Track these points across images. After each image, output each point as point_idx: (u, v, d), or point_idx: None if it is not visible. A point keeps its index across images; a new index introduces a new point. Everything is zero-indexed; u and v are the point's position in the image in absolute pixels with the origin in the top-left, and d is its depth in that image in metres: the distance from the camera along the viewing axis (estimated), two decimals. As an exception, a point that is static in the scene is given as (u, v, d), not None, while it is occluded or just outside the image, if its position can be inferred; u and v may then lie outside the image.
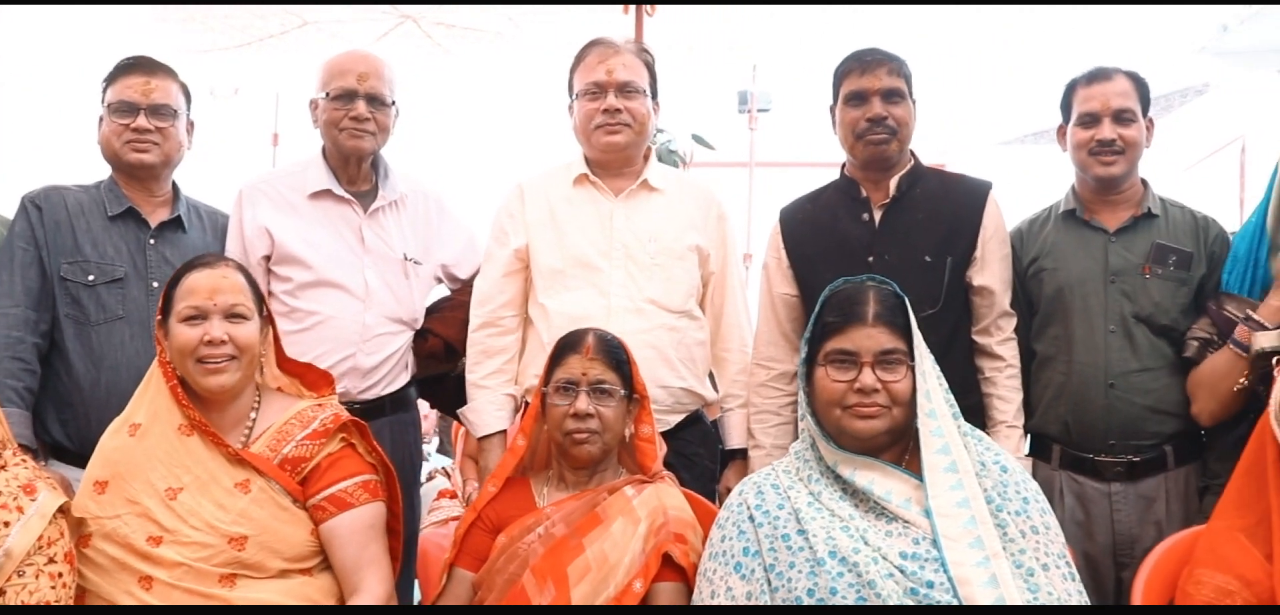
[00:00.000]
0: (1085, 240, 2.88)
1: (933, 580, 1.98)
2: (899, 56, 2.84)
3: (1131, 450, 2.77)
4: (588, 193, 2.98)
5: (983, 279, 2.84)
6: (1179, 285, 2.79)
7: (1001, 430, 2.82)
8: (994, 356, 2.86)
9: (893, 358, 2.11)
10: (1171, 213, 2.89)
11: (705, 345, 3.00)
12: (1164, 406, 2.76)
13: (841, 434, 2.13)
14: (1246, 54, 7.87)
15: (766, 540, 2.10)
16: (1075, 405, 2.81)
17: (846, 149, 2.89)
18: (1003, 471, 2.11)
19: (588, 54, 3.00)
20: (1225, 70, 8.15)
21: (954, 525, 2.02)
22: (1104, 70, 2.86)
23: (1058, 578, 2.02)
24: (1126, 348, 2.78)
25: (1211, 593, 2.00)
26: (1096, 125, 2.83)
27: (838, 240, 2.86)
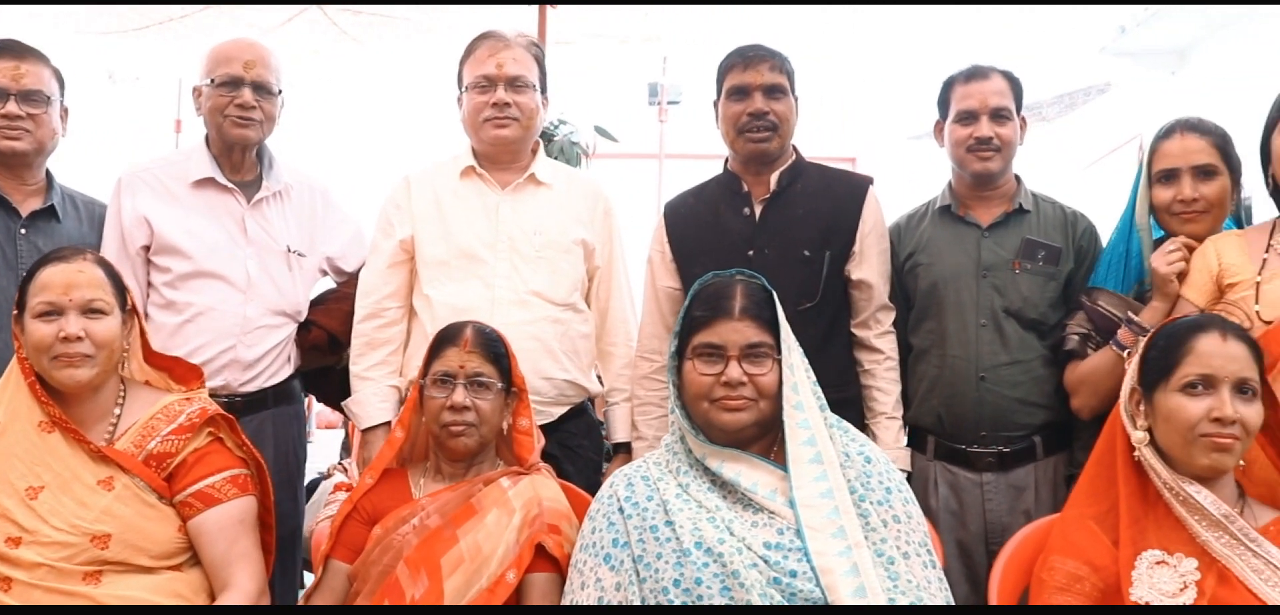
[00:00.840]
0: (959, 235, 2.94)
1: (795, 569, 2.00)
2: (782, 53, 2.88)
3: (1002, 441, 2.83)
4: (474, 185, 2.97)
5: (861, 273, 2.89)
6: (1048, 280, 2.85)
7: (881, 422, 2.87)
8: (873, 350, 2.91)
9: (759, 351, 2.14)
10: (1043, 208, 2.95)
11: (590, 338, 3.02)
12: (1033, 398, 2.82)
13: (710, 426, 2.15)
14: (1143, 55, 8.07)
15: (635, 531, 2.11)
16: (948, 397, 2.86)
17: (728, 144, 2.92)
18: (867, 462, 2.14)
19: (477, 47, 2.99)
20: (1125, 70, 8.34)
21: (817, 515, 2.05)
22: (981, 69, 2.92)
23: (918, 565, 2.06)
24: (997, 341, 2.84)
25: (1063, 579, 2.05)
26: (974, 123, 2.88)
27: (719, 234, 2.89)
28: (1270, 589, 1.92)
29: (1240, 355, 2.01)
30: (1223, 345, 2.01)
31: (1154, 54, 8.05)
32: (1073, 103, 9.45)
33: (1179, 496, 2.01)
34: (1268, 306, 2.32)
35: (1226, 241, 2.50)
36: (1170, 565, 1.99)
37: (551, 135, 4.94)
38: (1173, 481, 2.02)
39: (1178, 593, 1.96)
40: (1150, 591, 1.97)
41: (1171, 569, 1.98)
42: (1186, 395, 2.01)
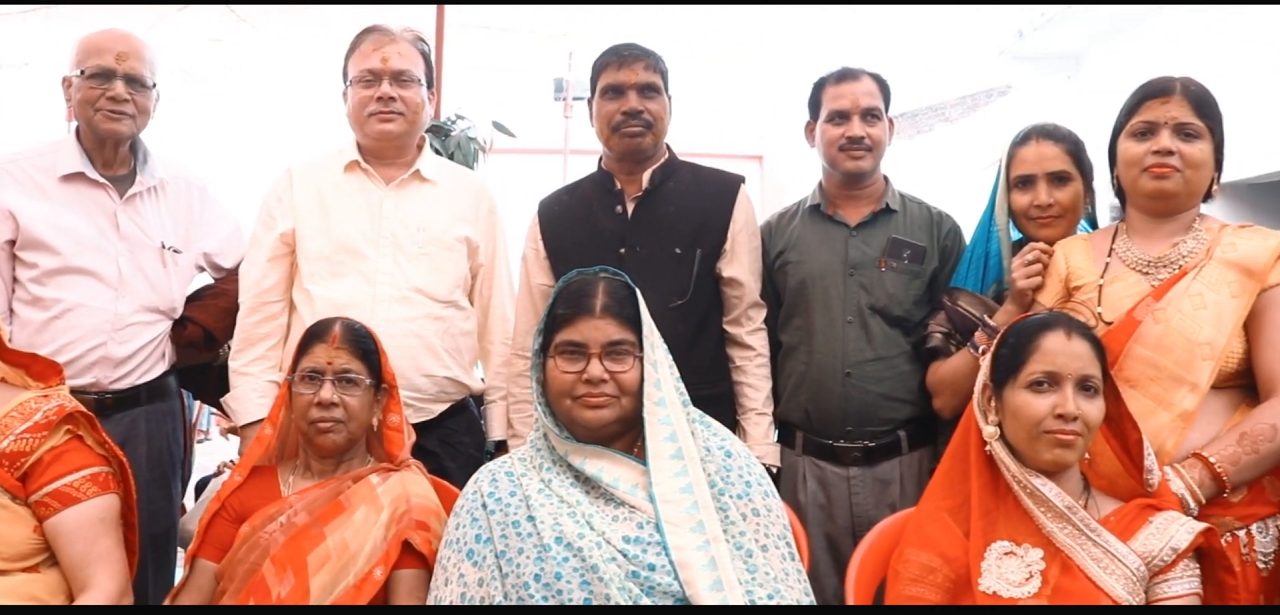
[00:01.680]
0: (828, 234, 2.99)
1: (654, 563, 2.03)
2: (656, 52, 2.91)
3: (867, 436, 2.89)
4: (358, 180, 2.96)
5: (732, 271, 2.92)
6: (913, 278, 2.92)
7: (751, 418, 2.91)
8: (744, 346, 2.95)
9: (621, 349, 2.15)
10: (909, 208, 3.01)
11: (472, 336, 3.02)
12: (897, 394, 2.88)
13: (573, 423, 2.17)
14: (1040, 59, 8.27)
15: (498, 527, 2.12)
16: (815, 393, 2.91)
17: (602, 141, 2.94)
18: (727, 456, 2.17)
19: (363, 41, 2.98)
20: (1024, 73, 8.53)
21: (677, 510, 2.07)
22: (852, 70, 2.98)
23: (776, 557, 2.10)
24: (862, 337, 2.90)
25: (916, 570, 2.10)
26: (846, 123, 2.93)
27: (592, 231, 2.91)
28: (1108, 576, 1.99)
29: (1083, 353, 2.07)
30: (1067, 344, 2.08)
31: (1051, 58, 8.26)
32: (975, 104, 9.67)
33: (1026, 489, 2.07)
34: (1109, 308, 2.39)
35: (1074, 245, 2.57)
36: (1018, 555, 2.05)
37: (448, 130, 4.90)
38: (1021, 475, 2.08)
39: (1024, 581, 2.02)
40: (998, 581, 2.03)
41: (1019, 559, 2.05)
42: (1032, 392, 2.07)
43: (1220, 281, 2.32)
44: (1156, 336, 2.30)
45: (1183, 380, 2.27)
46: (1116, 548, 2.01)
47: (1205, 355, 2.27)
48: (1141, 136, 2.40)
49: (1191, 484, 2.20)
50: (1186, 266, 2.37)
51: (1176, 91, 2.38)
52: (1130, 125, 2.43)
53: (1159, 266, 2.40)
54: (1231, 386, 2.32)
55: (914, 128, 10.03)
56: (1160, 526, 2.04)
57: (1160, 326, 2.31)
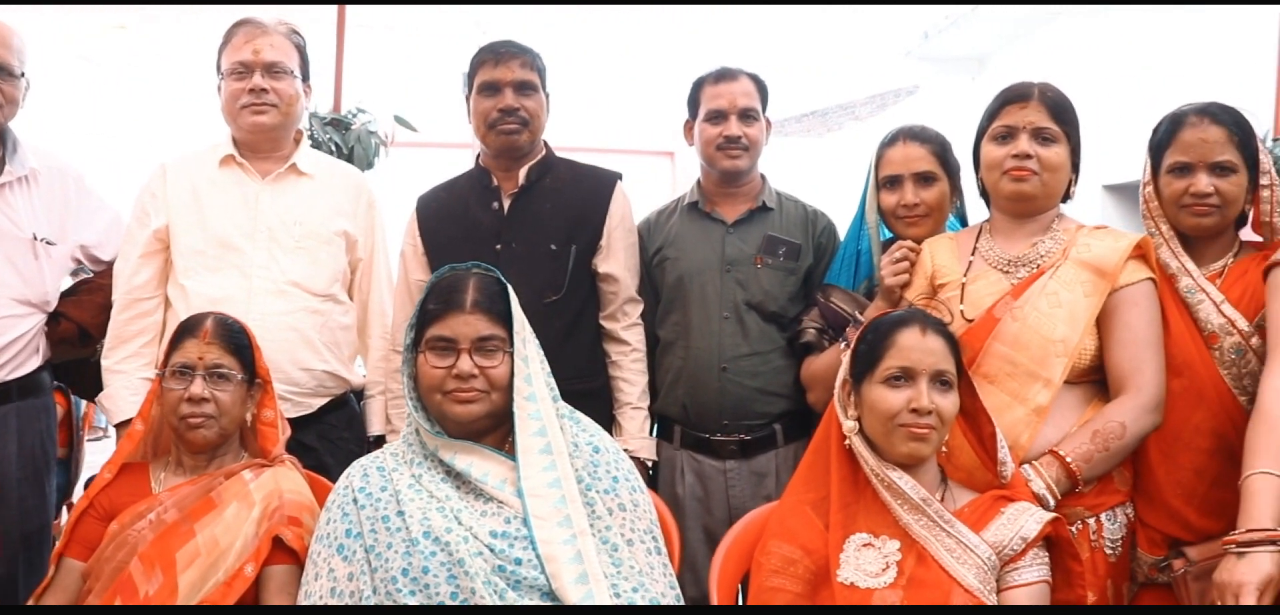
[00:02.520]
0: (706, 231, 3.03)
1: (521, 557, 2.05)
2: (533, 50, 2.93)
3: (743, 430, 2.94)
4: (233, 174, 2.93)
5: (608, 267, 2.95)
6: (787, 275, 2.97)
7: (627, 412, 2.95)
8: (620, 341, 2.98)
9: (491, 344, 2.16)
10: (786, 206, 3.07)
11: (351, 330, 3.01)
12: (772, 388, 2.93)
13: (444, 418, 2.18)
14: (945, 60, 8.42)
15: (368, 522, 2.12)
16: (691, 388, 2.95)
17: (479, 138, 2.95)
18: (595, 452, 2.20)
19: (235, 34, 2.95)
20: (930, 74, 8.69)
21: (544, 505, 2.09)
22: (730, 71, 3.02)
23: (641, 552, 2.13)
24: (738, 333, 2.94)
25: (778, 562, 2.14)
26: (723, 122, 2.97)
27: (469, 228, 2.92)
28: (961, 565, 2.05)
29: (938, 349, 2.13)
30: (922, 339, 2.13)
31: (956, 60, 8.41)
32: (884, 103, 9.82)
33: (883, 482, 2.12)
34: (971, 305, 2.45)
35: (940, 244, 2.63)
36: (875, 547, 2.10)
37: (348, 124, 4.86)
38: (878, 468, 2.12)
39: (881, 572, 2.07)
40: (856, 573, 2.07)
41: (876, 550, 2.10)
42: (888, 387, 2.12)
43: (1075, 281, 2.39)
44: (1014, 334, 2.37)
45: (1037, 376, 2.34)
46: (969, 538, 2.06)
47: (1059, 352, 2.34)
48: (1002, 140, 2.47)
49: (1049, 481, 2.27)
50: (1044, 266, 2.43)
51: (1034, 97, 2.45)
52: (991, 129, 2.49)
53: (1018, 265, 2.47)
54: (1085, 382, 2.40)
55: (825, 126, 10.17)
56: (1011, 517, 2.10)
57: (1017, 324, 2.37)
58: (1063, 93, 2.49)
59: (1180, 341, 2.42)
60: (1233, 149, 2.45)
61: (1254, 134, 2.50)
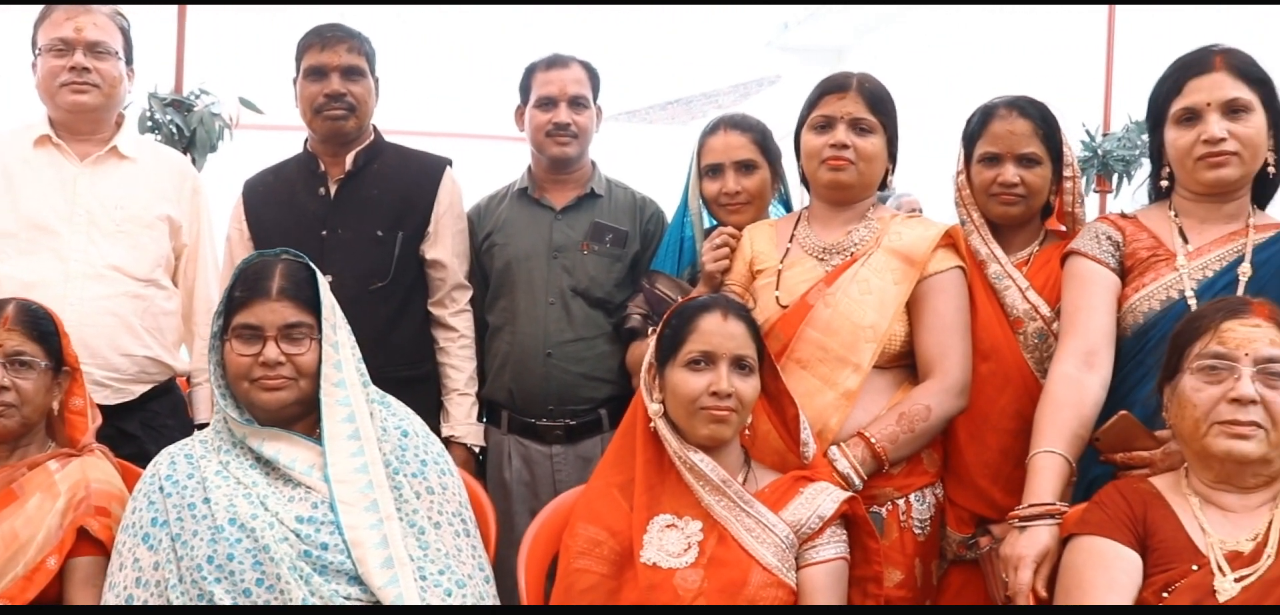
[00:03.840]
0: (535, 217, 3.05)
1: (327, 542, 2.05)
2: (361, 34, 2.91)
3: (569, 414, 2.97)
4: (50, 155, 2.85)
5: (435, 253, 2.96)
6: (614, 261, 3.01)
7: (454, 397, 2.96)
8: (447, 328, 2.99)
9: (298, 331, 2.15)
10: (615, 193, 3.10)
11: (175, 316, 2.96)
12: (598, 373, 2.97)
13: (252, 406, 2.16)
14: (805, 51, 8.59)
15: (174, 510, 2.10)
16: (518, 373, 2.97)
17: (306, 123, 2.93)
18: (403, 436, 2.21)
19: (54, 10, 2.87)
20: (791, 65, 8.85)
21: (351, 490, 2.10)
22: (561, 57, 3.04)
23: (449, 534, 2.16)
24: (564, 319, 2.97)
25: (584, 544, 2.17)
26: (553, 108, 3.00)
27: (295, 213, 2.90)
28: (759, 544, 2.11)
29: (738, 333, 2.18)
30: (723, 324, 2.18)
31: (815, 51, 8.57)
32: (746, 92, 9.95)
33: (686, 464, 2.16)
34: (786, 292, 2.52)
35: (760, 231, 2.69)
36: (679, 527, 2.15)
37: (190, 106, 4.75)
38: (681, 450, 2.17)
39: (682, 552, 2.12)
40: (658, 553, 2.12)
41: (679, 531, 2.14)
42: (690, 370, 2.16)
43: (885, 268, 2.47)
44: (825, 319, 2.43)
45: (847, 361, 2.41)
46: (768, 518, 2.12)
47: (868, 338, 2.41)
48: (820, 130, 2.53)
49: (855, 462, 2.35)
50: (857, 253, 2.51)
51: (852, 88, 2.51)
52: (810, 119, 2.56)
53: (833, 253, 2.54)
54: (896, 367, 2.48)
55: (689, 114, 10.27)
56: (809, 497, 2.16)
57: (829, 310, 2.44)
58: (881, 83, 2.57)
59: (988, 326, 2.51)
60: (1038, 142, 2.56)
61: (1059, 128, 2.61)
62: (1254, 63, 2.31)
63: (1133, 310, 2.33)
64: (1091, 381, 2.27)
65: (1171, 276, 2.31)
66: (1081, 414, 2.24)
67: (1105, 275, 2.36)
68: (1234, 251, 2.30)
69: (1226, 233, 2.33)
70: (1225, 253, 2.31)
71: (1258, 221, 2.35)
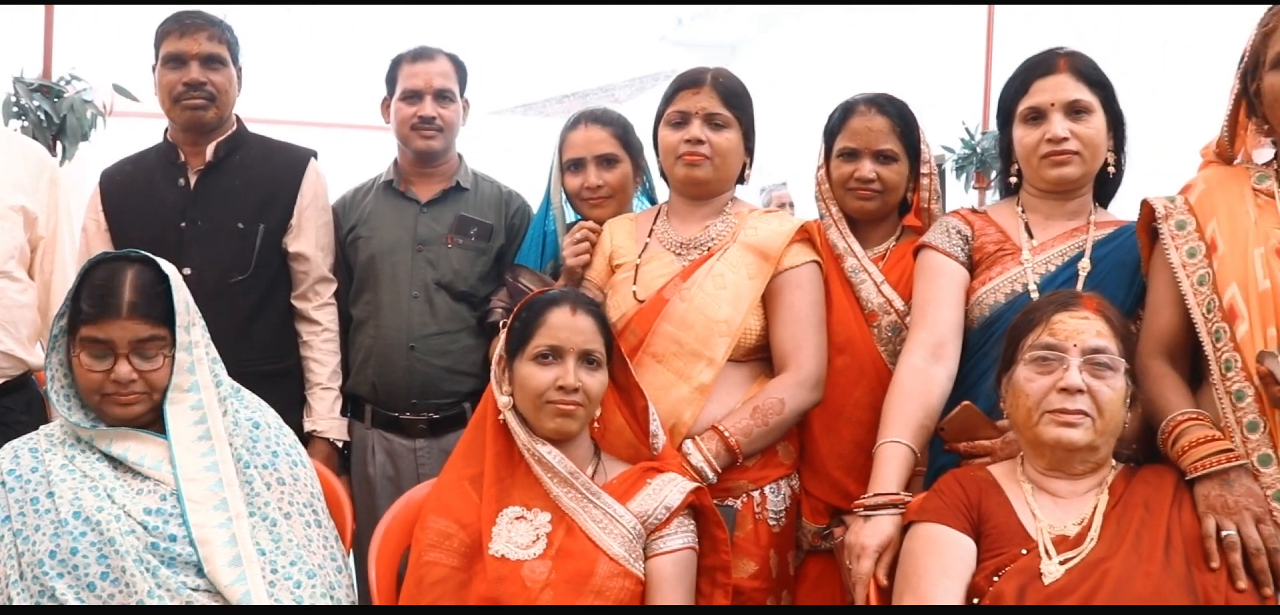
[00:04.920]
0: (399, 210, 3.04)
1: (175, 534, 2.04)
2: (223, 22, 2.87)
3: (432, 408, 2.97)
4: None
5: (298, 246, 2.93)
6: (479, 255, 3.01)
7: (317, 392, 2.94)
8: (311, 321, 2.96)
9: (150, 347, 2.10)
10: (481, 186, 3.10)
11: (30, 309, 2.87)
12: (461, 367, 2.96)
13: (103, 416, 2.13)
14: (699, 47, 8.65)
15: (16, 504, 2.07)
16: (381, 367, 2.96)
17: (165, 112, 2.88)
18: (255, 427, 2.20)
19: None
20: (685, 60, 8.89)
21: (200, 489, 2.08)
22: (428, 50, 3.04)
23: (300, 525, 2.16)
24: (427, 312, 2.96)
25: (434, 536, 2.16)
26: (418, 102, 2.99)
27: (153, 204, 2.86)
28: (607, 535, 2.13)
29: (587, 328, 2.20)
30: (571, 319, 2.19)
31: (709, 47, 8.65)
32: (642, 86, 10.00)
33: (534, 456, 2.18)
34: (643, 286, 2.54)
35: (620, 225, 2.71)
36: (528, 519, 2.16)
37: (60, 92, 4.63)
38: (529, 443, 2.18)
39: (531, 544, 2.13)
40: (507, 545, 2.13)
41: (528, 523, 2.15)
42: (537, 364, 2.18)
43: (740, 263, 2.50)
44: (681, 314, 2.46)
45: (701, 355, 2.44)
46: (614, 509, 2.14)
47: (722, 332, 2.45)
48: (676, 126, 2.56)
49: (708, 455, 2.37)
50: (714, 248, 2.54)
51: (707, 83, 2.54)
52: (666, 115, 2.58)
53: (690, 248, 2.56)
54: (752, 360, 2.52)
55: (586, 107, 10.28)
56: (656, 488, 2.19)
57: (685, 305, 2.46)
58: (736, 79, 2.60)
59: (843, 319, 2.56)
60: (895, 139, 2.62)
61: (917, 125, 2.67)
62: (1095, 66, 2.39)
63: (979, 303, 2.39)
64: (938, 373, 2.33)
65: (1016, 270, 2.38)
66: (927, 405, 2.30)
67: (954, 268, 2.43)
68: (1075, 247, 2.38)
69: (1069, 229, 2.41)
70: (1067, 248, 2.39)
71: (1099, 218, 2.44)
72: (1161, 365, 2.19)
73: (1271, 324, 2.05)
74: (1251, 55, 2.18)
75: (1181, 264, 2.18)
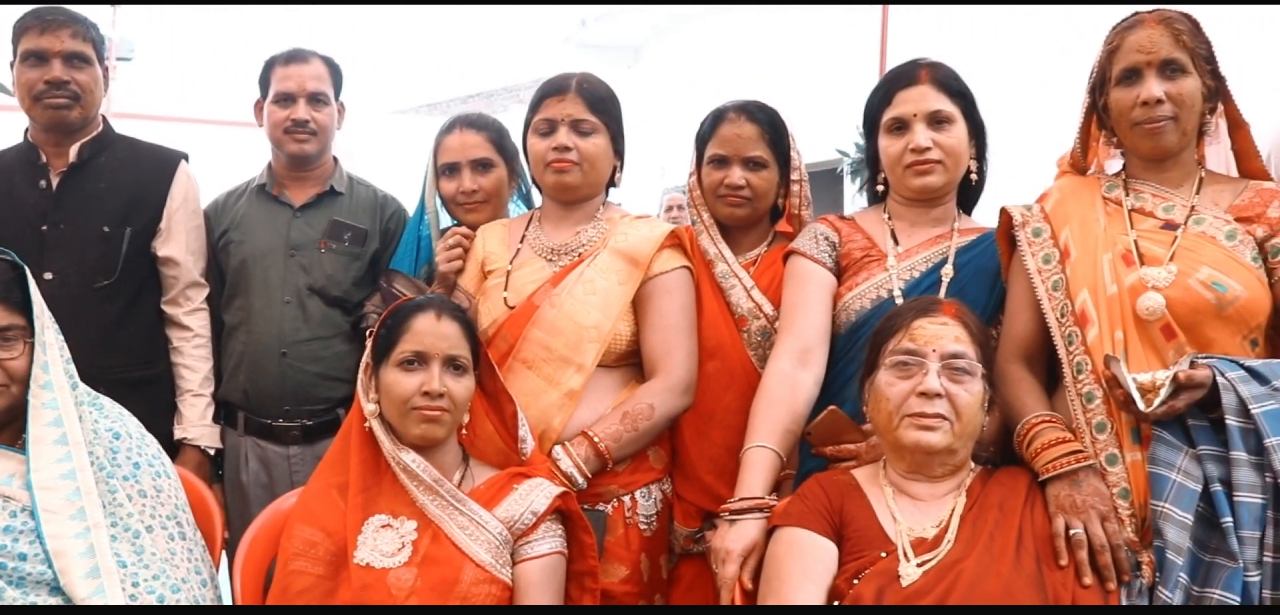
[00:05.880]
0: (272, 214, 3.01)
1: (26, 552, 2.00)
2: (87, 19, 2.81)
3: (305, 414, 2.94)
4: None
5: (168, 250, 2.88)
6: (352, 260, 2.99)
7: (187, 399, 2.89)
8: (181, 327, 2.92)
9: (9, 334, 2.08)
10: (356, 191, 3.08)
11: None
12: (334, 373, 2.94)
13: None
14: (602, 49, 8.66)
15: None
16: (253, 373, 2.93)
17: (25, 111, 2.81)
18: (115, 438, 2.16)
19: None
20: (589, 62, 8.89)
21: (56, 497, 2.04)
22: (301, 52, 3.00)
23: (163, 538, 2.13)
24: (300, 317, 2.93)
25: (300, 545, 2.13)
26: (292, 105, 2.96)
27: (13, 206, 2.79)
28: (473, 542, 2.13)
29: (451, 334, 2.19)
30: (436, 325, 2.19)
31: (612, 49, 8.67)
32: (548, 89, 9.99)
33: (399, 465, 2.17)
34: (514, 292, 2.54)
35: (492, 231, 2.71)
36: (394, 527, 2.15)
37: (-63, 88, 4.48)
38: (394, 451, 2.17)
39: (396, 552, 2.12)
40: (372, 553, 2.11)
41: (394, 531, 2.14)
42: (402, 371, 2.17)
43: (610, 269, 2.51)
44: (551, 320, 2.46)
45: (570, 361, 2.44)
46: (480, 515, 2.14)
47: (592, 337, 2.45)
48: (543, 134, 2.56)
49: (578, 460, 2.38)
50: (585, 254, 2.54)
51: (572, 89, 2.55)
52: (534, 123, 2.58)
53: (561, 253, 2.57)
54: (623, 366, 2.53)
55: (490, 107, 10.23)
56: (523, 493, 2.19)
57: (555, 311, 2.47)
58: (603, 83, 2.61)
59: (714, 324, 2.58)
60: (764, 146, 2.65)
61: (787, 133, 2.71)
62: (957, 77, 2.45)
63: (846, 308, 2.43)
64: (805, 378, 2.37)
65: (882, 276, 2.43)
66: (794, 410, 2.33)
67: (822, 274, 2.47)
68: (939, 253, 2.44)
69: (933, 236, 2.47)
70: (931, 254, 2.44)
71: (962, 225, 2.50)
72: (1019, 369, 2.25)
73: (1119, 328, 2.11)
74: (1099, 71, 2.26)
75: (1037, 270, 2.24)
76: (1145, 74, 2.17)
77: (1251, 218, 2.17)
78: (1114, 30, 2.24)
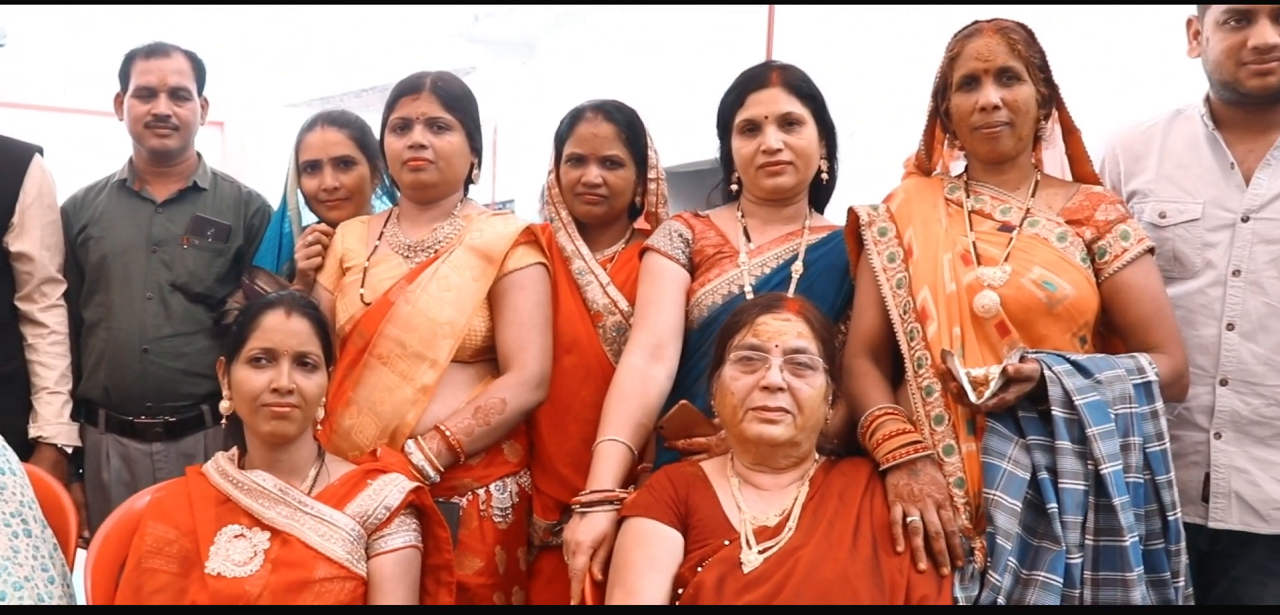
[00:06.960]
0: (134, 210, 2.98)
1: None
2: None
3: (168, 411, 2.92)
4: None
5: (21, 246, 2.84)
6: (216, 256, 2.97)
7: (44, 397, 2.86)
8: (37, 324, 2.88)
9: None
10: (220, 186, 3.07)
11: None
12: (197, 369, 2.91)
13: None
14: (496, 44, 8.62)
15: None
16: (114, 370, 2.90)
17: None
18: None
19: None
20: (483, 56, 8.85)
21: None
22: (163, 47, 2.98)
23: (6, 536, 2.11)
24: (162, 314, 2.91)
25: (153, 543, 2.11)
26: (153, 100, 2.93)
27: None
28: (327, 542, 2.14)
29: (301, 330, 2.21)
30: (285, 321, 2.20)
31: (506, 43, 8.62)
32: (444, 82, 9.92)
33: (244, 489, 2.18)
34: (370, 289, 2.56)
35: (351, 228, 2.72)
36: (247, 538, 2.15)
37: None
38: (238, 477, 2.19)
39: (248, 561, 2.12)
40: (224, 563, 2.10)
41: (247, 541, 2.14)
42: (251, 367, 2.18)
43: (465, 265, 2.54)
44: (405, 316, 2.48)
45: (424, 357, 2.47)
46: (331, 515, 2.16)
47: (446, 333, 2.48)
48: (399, 132, 2.57)
49: (430, 455, 2.40)
50: (441, 250, 2.57)
51: (427, 88, 2.56)
52: (390, 122, 2.59)
53: (417, 250, 2.59)
54: (479, 361, 2.56)
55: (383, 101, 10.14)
56: (377, 489, 2.22)
57: (409, 307, 2.49)
58: (458, 81, 2.63)
59: (571, 320, 2.63)
60: (621, 145, 2.70)
61: (644, 132, 2.76)
62: (807, 79, 2.52)
63: (698, 304, 2.49)
64: (657, 372, 2.42)
65: (734, 272, 2.49)
66: (645, 404, 2.39)
67: (675, 270, 2.52)
68: (790, 250, 2.51)
69: (785, 233, 2.54)
70: (782, 251, 2.51)
71: (814, 223, 2.58)
72: (865, 363, 2.33)
73: (957, 324, 2.20)
74: (941, 77, 2.34)
75: (882, 268, 2.33)
76: (983, 81, 2.26)
77: (1081, 220, 2.28)
78: (954, 38, 2.32)
